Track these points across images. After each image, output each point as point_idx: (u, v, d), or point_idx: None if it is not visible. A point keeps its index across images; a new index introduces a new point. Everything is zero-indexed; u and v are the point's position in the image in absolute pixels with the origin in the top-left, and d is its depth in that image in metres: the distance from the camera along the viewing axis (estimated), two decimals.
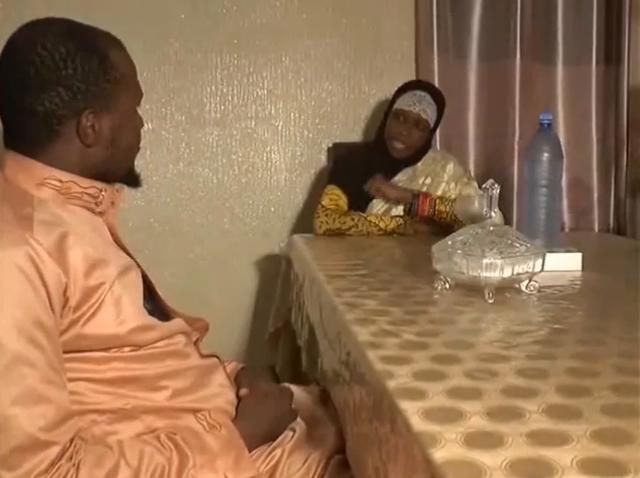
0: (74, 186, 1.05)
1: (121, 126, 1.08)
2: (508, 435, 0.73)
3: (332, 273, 1.60)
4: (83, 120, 1.03)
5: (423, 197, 2.16)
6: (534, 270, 1.35)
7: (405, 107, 2.22)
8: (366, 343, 1.06)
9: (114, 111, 1.06)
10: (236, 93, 2.72)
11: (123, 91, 1.07)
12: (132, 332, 1.03)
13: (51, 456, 0.90)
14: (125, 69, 1.08)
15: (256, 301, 2.76)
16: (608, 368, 0.94)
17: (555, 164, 1.72)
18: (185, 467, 1.01)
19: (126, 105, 1.09)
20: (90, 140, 1.04)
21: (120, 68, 1.06)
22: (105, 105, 1.05)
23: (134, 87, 1.12)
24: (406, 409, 0.80)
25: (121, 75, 1.06)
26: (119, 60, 1.07)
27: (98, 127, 1.04)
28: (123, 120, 1.08)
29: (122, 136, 1.09)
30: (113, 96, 1.06)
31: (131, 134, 1.12)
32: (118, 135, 1.08)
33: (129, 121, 1.10)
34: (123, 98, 1.08)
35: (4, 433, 0.89)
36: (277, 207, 2.80)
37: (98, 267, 1.00)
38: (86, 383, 1.01)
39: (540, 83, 2.72)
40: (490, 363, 0.96)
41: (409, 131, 2.22)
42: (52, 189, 1.03)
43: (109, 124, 1.06)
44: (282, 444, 1.17)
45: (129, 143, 1.12)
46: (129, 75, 1.09)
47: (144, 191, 2.68)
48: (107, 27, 2.71)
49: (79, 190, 1.05)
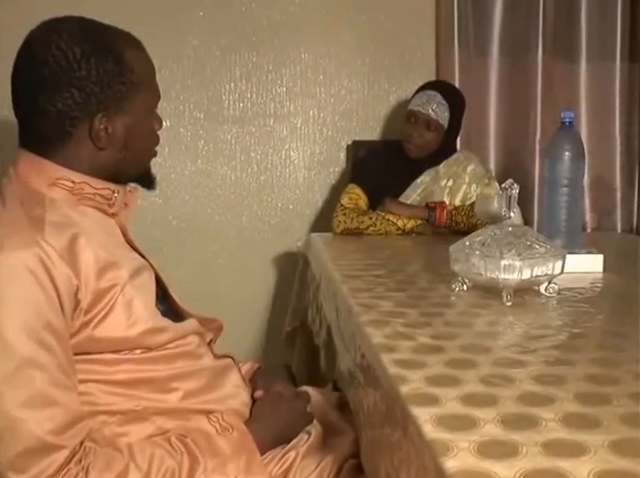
0: (87, 187, 1.04)
1: (135, 128, 1.07)
2: (523, 444, 0.71)
3: (348, 273, 1.58)
4: (96, 123, 1.02)
5: (440, 209, 2.13)
6: (554, 272, 1.32)
7: (415, 108, 2.20)
8: (380, 345, 1.04)
9: (128, 113, 1.05)
10: (255, 91, 2.71)
11: (139, 93, 1.06)
12: (143, 335, 1.02)
13: (60, 460, 0.90)
14: (142, 71, 1.07)
15: (273, 300, 2.75)
16: (628, 375, 0.92)
17: (576, 163, 1.69)
18: (196, 471, 1.00)
19: (142, 107, 1.07)
20: (103, 143, 1.03)
21: (137, 70, 1.05)
22: (119, 107, 1.04)
23: (151, 89, 1.10)
24: (418, 416, 0.78)
25: (137, 77, 1.05)
26: (136, 62, 1.06)
27: (111, 130, 1.04)
28: (138, 122, 1.07)
29: (136, 138, 1.08)
30: (128, 98, 1.04)
31: (146, 136, 1.11)
32: (132, 137, 1.07)
33: (144, 123, 1.09)
34: (139, 100, 1.06)
35: (13, 436, 0.88)
36: (295, 205, 2.78)
37: (110, 269, 0.99)
38: (97, 384, 1.01)
39: (563, 80, 2.68)
40: (506, 368, 0.94)
41: (420, 132, 2.19)
42: (64, 189, 1.03)
43: (123, 126, 1.05)
44: (296, 447, 1.15)
45: (144, 145, 1.11)
46: (146, 77, 1.08)
47: (162, 189, 2.68)
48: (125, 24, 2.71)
49: (92, 191, 1.05)
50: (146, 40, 2.75)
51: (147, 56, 1.10)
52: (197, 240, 2.73)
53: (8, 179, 1.05)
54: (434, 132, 2.20)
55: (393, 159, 2.28)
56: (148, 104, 1.09)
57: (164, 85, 2.94)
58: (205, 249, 2.73)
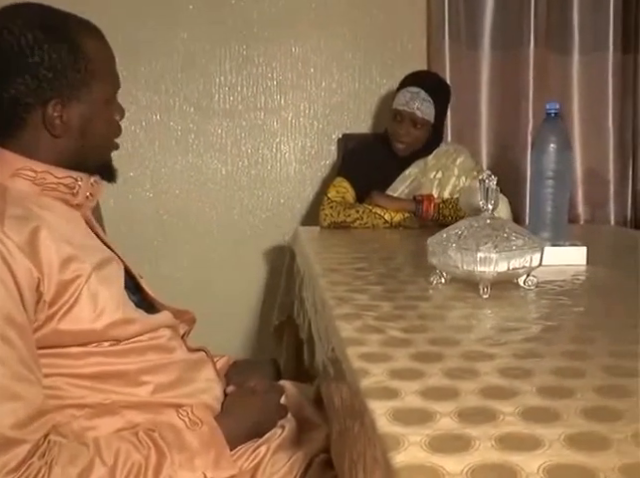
0: (49, 176, 1.03)
1: (92, 117, 1.06)
2: (476, 439, 0.70)
3: (329, 266, 1.57)
4: (49, 110, 1.01)
5: (427, 202, 2.12)
6: (532, 264, 1.31)
7: (399, 107, 2.19)
8: (348, 339, 1.03)
9: (84, 102, 1.04)
10: (245, 84, 2.70)
11: (95, 82, 1.05)
12: (110, 326, 1.01)
13: (22, 454, 0.89)
14: (99, 60, 1.06)
15: (263, 293, 2.74)
16: (596, 369, 0.90)
17: (562, 155, 1.67)
18: (163, 466, 0.99)
19: (99, 96, 1.06)
20: (58, 131, 1.02)
21: (93, 58, 1.04)
22: (74, 95, 1.03)
23: (109, 78, 1.09)
24: (374, 409, 0.77)
25: (94, 66, 1.04)
26: (93, 50, 1.05)
27: (67, 118, 1.03)
28: (95, 111, 1.06)
29: (93, 127, 1.07)
30: (84, 86, 1.04)
31: (104, 125, 1.09)
32: (89, 126, 1.06)
33: (102, 112, 1.08)
34: (95, 89, 1.05)
35: None
36: (287, 199, 2.77)
37: (73, 261, 0.98)
38: (65, 378, 1.00)
39: (555, 72, 2.66)
40: (473, 362, 0.93)
41: (407, 130, 2.18)
42: (26, 180, 1.02)
43: (78, 115, 1.04)
44: (268, 441, 1.14)
45: (102, 135, 1.09)
46: (104, 66, 1.07)
47: (153, 183, 2.68)
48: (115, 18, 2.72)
49: (54, 180, 1.04)
50: (136, 33, 2.76)
51: (106, 45, 1.09)
52: (188, 234, 2.73)
53: None
54: (421, 129, 2.19)
55: (382, 152, 2.27)
56: (105, 93, 1.08)
57: (154, 79, 2.94)
58: (196, 243, 2.73)
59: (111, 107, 1.10)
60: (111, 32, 2.56)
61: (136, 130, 2.62)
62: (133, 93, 2.56)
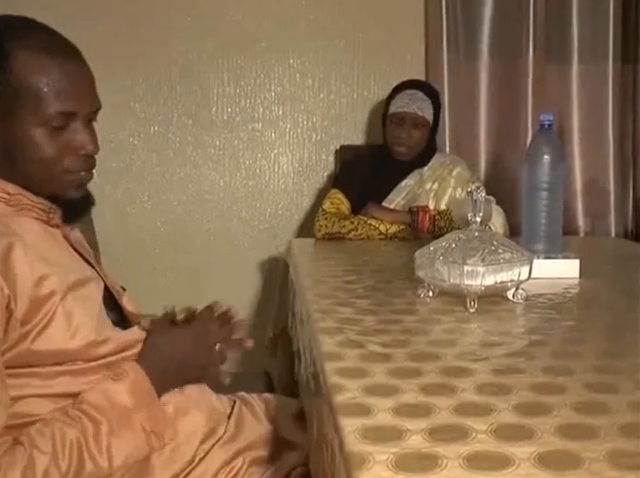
0: (23, 199, 1.02)
1: (22, 137, 0.99)
2: (444, 457, 0.68)
3: (318, 278, 1.56)
4: None
5: (422, 214, 2.10)
6: (520, 278, 1.29)
7: (400, 109, 2.18)
8: (327, 354, 1.02)
9: (12, 118, 0.98)
10: (243, 95, 2.70)
11: (25, 100, 0.97)
12: (84, 347, 0.99)
13: None
14: (34, 77, 0.97)
15: (259, 305, 2.73)
16: (577, 384, 0.89)
17: (556, 167, 1.65)
18: (101, 433, 0.95)
19: (29, 116, 0.98)
20: None
21: (24, 74, 0.97)
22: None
23: (49, 100, 0.98)
24: (344, 426, 0.76)
25: (22, 82, 0.97)
26: (27, 65, 0.97)
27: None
28: (25, 131, 0.98)
29: (26, 148, 0.99)
30: (8, 101, 0.97)
31: (40, 149, 1.00)
32: (20, 146, 0.99)
33: (37, 134, 0.99)
34: (24, 107, 0.98)
35: None
36: (284, 210, 2.76)
37: (47, 279, 0.96)
38: (36, 398, 0.97)
39: (554, 82, 2.64)
40: (452, 377, 0.91)
41: (408, 132, 2.18)
42: (1, 201, 1.01)
43: (5, 130, 0.98)
44: (243, 454, 1.12)
45: (39, 158, 1.00)
46: (40, 85, 0.98)
47: (151, 194, 2.68)
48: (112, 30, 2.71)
49: (29, 203, 1.02)
50: (134, 45, 2.76)
51: (59, 64, 1.00)
52: (186, 246, 2.72)
53: None
54: (422, 129, 2.18)
55: (377, 163, 2.26)
56: (38, 115, 0.98)
57: (152, 90, 2.93)
58: (194, 254, 2.72)
59: (55, 133, 1.01)
60: (109, 44, 2.57)
61: (134, 142, 2.62)
62: (131, 105, 2.56)
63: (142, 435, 1.00)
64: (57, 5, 2.45)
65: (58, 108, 0.99)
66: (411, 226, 2.11)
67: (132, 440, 0.99)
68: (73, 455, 0.93)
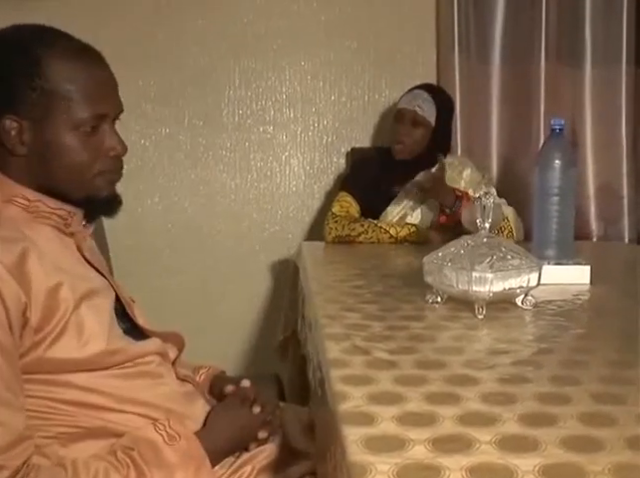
0: (42, 205, 1.03)
1: (56, 142, 1.01)
2: (446, 469, 0.68)
3: (327, 283, 1.56)
4: (4, 125, 0.99)
5: (466, 199, 2.08)
6: (529, 284, 1.28)
7: (401, 106, 2.19)
8: (333, 360, 1.01)
9: (45, 123, 1.00)
10: (254, 98, 2.70)
11: (59, 105, 0.99)
12: (95, 356, 1.00)
13: None
14: (66, 82, 0.99)
15: (269, 308, 2.73)
16: (583, 394, 0.88)
17: (567, 172, 1.64)
18: None
19: (63, 121, 1.00)
20: (18, 150, 1.00)
21: (57, 80, 0.99)
22: (30, 114, 0.99)
23: (82, 104, 1.01)
24: (347, 435, 0.75)
25: (53, 87, 0.99)
26: (57, 71, 0.99)
27: (28, 138, 1.00)
28: (59, 136, 1.00)
29: (60, 153, 1.01)
30: (42, 107, 0.99)
31: (75, 153, 1.02)
32: (53, 151, 1.01)
33: (70, 138, 1.01)
34: (58, 112, 1.00)
35: None
36: (295, 213, 2.76)
37: (61, 288, 0.97)
38: (49, 402, 0.98)
39: (566, 86, 2.63)
40: (457, 386, 0.91)
41: (407, 130, 2.18)
42: (19, 207, 1.01)
43: (39, 136, 1.00)
44: (252, 461, 1.13)
45: (73, 163, 1.02)
46: (72, 90, 1.00)
47: (162, 196, 2.69)
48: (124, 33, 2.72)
49: (47, 210, 1.03)
50: (146, 47, 2.77)
51: (87, 69, 1.03)
52: (196, 247, 2.72)
53: None
54: (421, 129, 2.17)
55: (385, 165, 2.25)
56: (72, 119, 1.00)
57: (163, 92, 2.94)
58: (204, 256, 2.73)
59: (87, 136, 1.03)
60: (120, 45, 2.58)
61: (146, 143, 2.63)
62: (143, 106, 2.57)
63: None
64: (69, 8, 2.47)
65: (91, 111, 1.01)
66: (449, 209, 2.07)
67: None
68: None
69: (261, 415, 1.18)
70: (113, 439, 1.03)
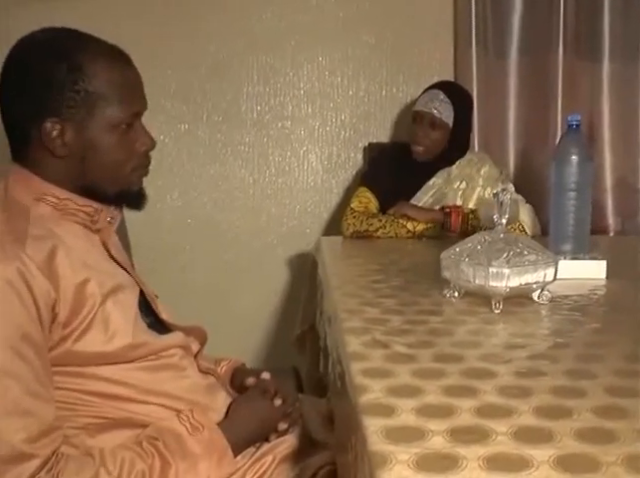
0: (70, 204, 1.06)
1: (96, 143, 1.05)
2: (464, 458, 0.71)
3: (345, 277, 1.59)
4: (47, 128, 1.02)
5: (455, 214, 2.10)
6: (545, 279, 1.30)
7: (418, 108, 2.20)
8: (353, 354, 1.04)
9: (86, 125, 1.04)
10: (272, 94, 2.73)
11: (99, 106, 1.04)
12: (121, 349, 1.03)
13: (31, 468, 0.92)
14: (106, 83, 1.04)
15: (287, 302, 2.76)
16: (598, 388, 0.90)
17: (583, 167, 1.65)
18: (168, 473, 1.01)
19: (103, 121, 1.04)
20: (59, 151, 1.03)
21: (97, 81, 1.03)
22: (73, 116, 1.03)
23: (120, 103, 1.05)
24: (368, 426, 0.78)
25: (96, 88, 1.03)
26: (99, 73, 1.03)
27: (68, 139, 1.03)
28: (98, 136, 1.04)
29: (99, 154, 1.05)
30: (84, 108, 1.03)
31: (112, 153, 1.06)
32: (93, 152, 1.05)
33: (107, 138, 1.05)
34: (98, 113, 1.04)
35: None
36: (313, 208, 2.79)
37: (88, 284, 1.01)
38: (77, 393, 1.02)
39: (584, 80, 2.62)
40: (474, 379, 0.93)
41: (425, 132, 2.18)
42: (49, 205, 1.05)
43: (80, 138, 1.04)
44: (273, 452, 1.16)
45: (109, 162, 1.07)
46: (112, 90, 1.04)
47: (181, 191, 2.73)
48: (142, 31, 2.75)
49: (75, 207, 1.07)
50: (164, 44, 2.80)
51: (123, 70, 1.07)
52: (215, 242, 2.76)
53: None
54: (439, 131, 2.18)
55: (404, 161, 2.27)
56: (112, 119, 1.05)
57: (182, 88, 2.97)
58: (223, 251, 2.76)
59: (124, 134, 1.07)
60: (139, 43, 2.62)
61: (165, 139, 2.66)
62: (162, 103, 2.61)
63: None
64: (88, 6, 2.51)
65: (127, 110, 1.06)
66: (443, 226, 2.11)
67: None
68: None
69: (282, 407, 1.21)
70: (138, 430, 1.06)
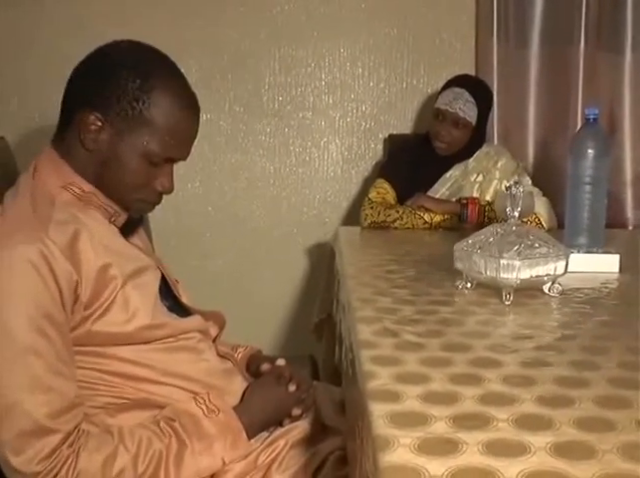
0: (94, 198, 1.11)
1: (122, 156, 1.09)
2: (464, 443, 0.74)
3: (360, 267, 1.62)
4: (89, 118, 1.07)
5: (472, 206, 2.12)
6: (556, 272, 1.32)
7: (442, 106, 2.20)
8: (363, 342, 1.07)
9: (123, 138, 1.08)
10: (294, 84, 2.75)
11: (142, 131, 1.07)
12: (140, 330, 1.08)
13: (53, 442, 0.97)
14: (161, 118, 1.07)
15: (306, 291, 2.79)
16: (601, 379, 0.92)
17: (600, 161, 1.66)
18: (184, 453, 1.06)
19: (139, 144, 1.08)
20: (88, 144, 1.08)
21: (155, 111, 1.07)
22: (116, 124, 1.07)
23: (160, 141, 1.09)
24: (373, 411, 0.81)
25: (152, 117, 1.07)
26: (161, 106, 1.07)
27: (101, 138, 1.08)
28: (124, 153, 1.08)
29: (120, 167, 1.09)
30: (129, 124, 1.07)
31: (131, 173, 1.10)
32: (116, 162, 1.09)
33: (134, 160, 1.09)
34: (138, 134, 1.08)
35: (11, 418, 0.96)
36: (333, 197, 2.82)
37: (110, 268, 1.05)
38: (97, 373, 1.07)
39: (606, 71, 2.61)
40: (480, 368, 0.96)
41: (448, 130, 2.20)
42: (73, 195, 1.09)
43: (111, 143, 1.08)
44: (286, 437, 1.20)
45: (125, 180, 1.10)
46: (161, 126, 1.08)
47: (203, 180, 2.77)
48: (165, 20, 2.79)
49: (98, 202, 1.11)
50: (187, 33, 2.84)
51: (184, 117, 1.10)
52: (236, 230, 2.80)
53: (27, 173, 1.12)
54: (462, 130, 2.20)
55: (423, 153, 2.29)
56: (148, 148, 1.08)
57: (204, 78, 3.00)
58: (243, 239, 2.80)
59: (149, 166, 1.10)
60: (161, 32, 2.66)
61: None
62: None
63: (219, 464, 1.10)
64: None
65: (165, 152, 1.10)
66: (460, 218, 2.13)
67: (208, 466, 1.10)
68: (152, 463, 1.04)
69: (296, 393, 1.25)
70: (156, 411, 1.11)
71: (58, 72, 1.30)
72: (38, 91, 2.57)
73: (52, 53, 2.55)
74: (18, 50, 2.62)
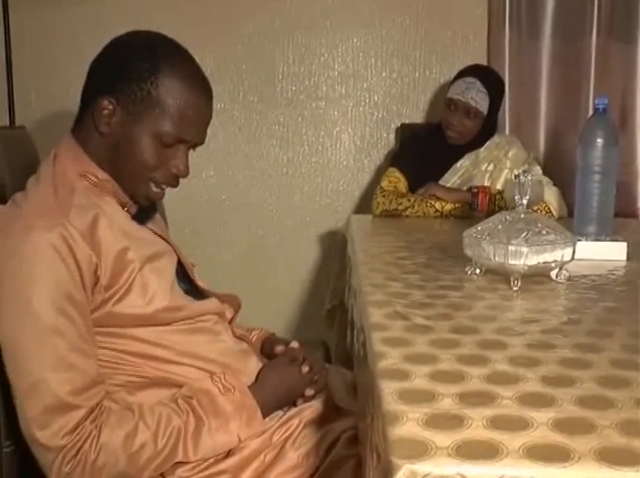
0: (108, 185, 1.15)
1: (134, 137, 1.11)
2: (470, 418, 0.77)
3: (372, 254, 1.65)
4: (102, 103, 1.10)
5: (482, 194, 2.14)
6: (563, 259, 1.35)
7: (454, 96, 2.23)
8: (374, 324, 1.11)
9: (134, 119, 1.11)
10: (307, 74, 2.78)
11: (152, 112, 1.10)
12: (159, 312, 1.12)
13: (77, 418, 1.02)
14: (170, 99, 1.10)
15: (318, 277, 2.84)
16: (603, 361, 0.96)
17: (609, 150, 1.69)
18: (201, 430, 1.10)
19: (148, 125, 1.10)
20: (102, 128, 1.11)
21: (163, 92, 1.09)
22: (126, 106, 1.11)
23: (171, 122, 1.11)
24: (383, 388, 0.85)
25: (159, 97, 1.10)
26: (169, 87, 1.10)
27: (114, 122, 1.11)
28: (139, 134, 1.11)
29: (132, 148, 1.12)
30: (137, 105, 1.10)
31: (144, 154, 1.12)
32: (128, 143, 1.12)
33: (146, 141, 1.11)
34: (149, 117, 1.10)
35: (36, 395, 1.01)
36: (345, 186, 2.85)
37: (128, 252, 1.09)
38: (117, 353, 1.11)
39: (617, 62, 2.62)
40: (487, 350, 0.99)
41: (460, 120, 2.22)
42: (89, 183, 1.13)
43: (124, 125, 1.11)
44: (300, 416, 1.23)
45: (138, 160, 1.12)
46: (171, 107, 1.10)
47: (217, 169, 2.81)
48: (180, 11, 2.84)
49: (113, 190, 1.15)
50: (202, 25, 2.87)
51: (194, 98, 1.12)
52: (249, 219, 2.84)
53: (47, 161, 1.16)
54: (474, 119, 2.22)
55: (435, 142, 2.31)
56: (159, 128, 1.10)
57: (219, 68, 3.04)
58: (256, 227, 2.85)
59: (163, 147, 1.12)
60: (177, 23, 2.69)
61: None
62: None
63: (235, 440, 1.14)
64: None
65: (176, 132, 1.12)
66: (471, 206, 2.15)
67: (224, 443, 1.14)
68: (171, 439, 1.08)
69: (309, 374, 1.29)
70: (174, 389, 1.15)
71: (75, 65, 1.37)
72: (57, 84, 2.62)
73: (70, 49, 2.61)
74: (38, 46, 2.68)
